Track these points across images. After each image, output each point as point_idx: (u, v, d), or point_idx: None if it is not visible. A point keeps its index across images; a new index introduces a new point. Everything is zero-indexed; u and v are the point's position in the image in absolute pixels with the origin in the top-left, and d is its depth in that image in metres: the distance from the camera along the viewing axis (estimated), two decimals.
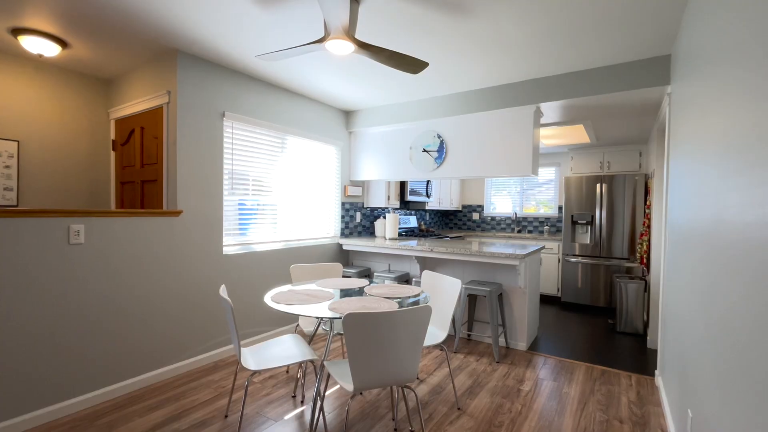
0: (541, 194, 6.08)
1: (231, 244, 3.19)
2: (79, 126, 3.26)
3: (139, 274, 2.56)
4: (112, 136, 3.39)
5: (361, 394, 2.54)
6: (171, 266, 2.75)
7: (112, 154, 3.40)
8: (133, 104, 3.14)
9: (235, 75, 3.18)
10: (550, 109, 3.43)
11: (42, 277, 2.13)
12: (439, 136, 3.83)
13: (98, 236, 2.36)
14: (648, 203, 4.11)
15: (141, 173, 3.13)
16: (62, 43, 2.64)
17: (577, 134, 4.53)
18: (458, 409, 2.37)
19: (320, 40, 2.08)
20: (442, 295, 2.58)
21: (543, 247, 3.82)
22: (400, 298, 2.23)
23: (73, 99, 3.21)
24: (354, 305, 2.02)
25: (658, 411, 2.38)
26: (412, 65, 2.36)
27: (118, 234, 2.46)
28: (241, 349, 2.17)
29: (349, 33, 2.03)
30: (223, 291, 1.99)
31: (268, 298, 2.15)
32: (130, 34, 2.54)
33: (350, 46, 2.10)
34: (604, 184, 4.87)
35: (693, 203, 1.72)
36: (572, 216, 5.07)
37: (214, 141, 3.03)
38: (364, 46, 2.13)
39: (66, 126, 3.18)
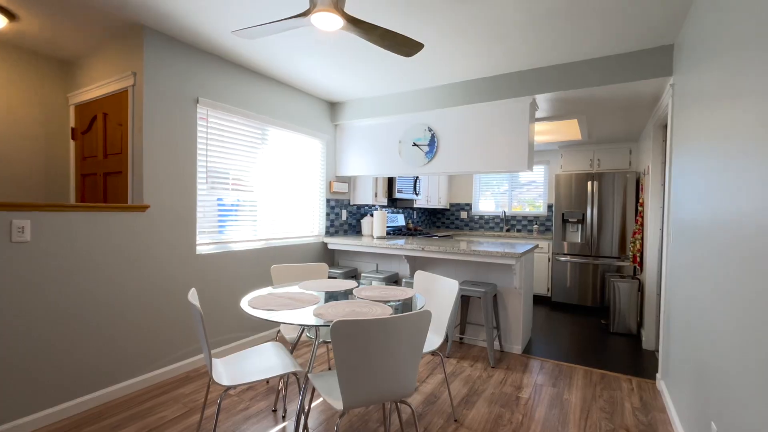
0: (529, 192, 5.99)
1: (206, 243, 2.92)
2: (32, 112, 2.92)
3: (97, 276, 2.27)
4: (72, 123, 3.06)
5: None
6: (136, 267, 2.46)
7: (72, 143, 3.07)
8: (96, 88, 2.82)
9: (210, 57, 2.90)
10: (545, 102, 3.29)
11: None
12: (429, 130, 3.64)
13: (48, 234, 2.06)
14: (641, 201, 4.03)
15: (104, 164, 2.82)
16: (8, 14, 2.33)
17: (568, 130, 4.42)
18: (455, 420, 2.18)
19: (305, 14, 1.85)
20: (438, 297, 2.39)
21: (537, 246, 3.69)
22: (392, 301, 2.02)
23: (24, 80, 2.86)
24: (342, 310, 1.80)
25: (664, 418, 2.25)
26: (407, 46, 2.15)
27: (73, 231, 2.16)
28: (214, 360, 1.92)
29: (338, 6, 1.81)
30: (192, 296, 1.74)
31: (245, 303, 1.91)
32: (88, 4, 2.25)
33: (339, 21, 1.88)
34: (595, 182, 4.79)
35: (715, 197, 1.58)
36: (563, 214, 4.97)
37: (187, 129, 2.75)
38: (354, 22, 1.92)
39: (16, 111, 2.83)
